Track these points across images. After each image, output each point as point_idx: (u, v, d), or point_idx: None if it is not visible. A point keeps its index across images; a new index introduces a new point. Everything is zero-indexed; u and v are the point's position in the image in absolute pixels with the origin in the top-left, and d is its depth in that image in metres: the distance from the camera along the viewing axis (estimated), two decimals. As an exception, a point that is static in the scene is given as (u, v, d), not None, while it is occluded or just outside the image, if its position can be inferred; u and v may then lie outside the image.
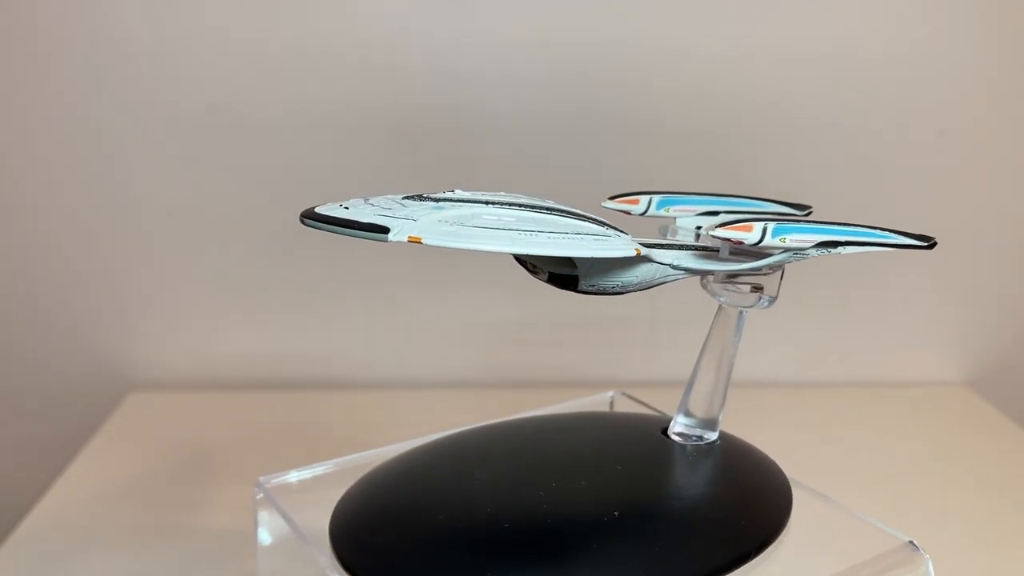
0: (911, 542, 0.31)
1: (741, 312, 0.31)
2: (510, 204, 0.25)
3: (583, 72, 0.57)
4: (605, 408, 0.41)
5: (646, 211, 0.32)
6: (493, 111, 0.57)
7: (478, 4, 0.56)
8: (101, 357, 0.62)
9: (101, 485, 0.49)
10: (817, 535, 0.30)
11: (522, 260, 0.28)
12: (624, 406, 0.41)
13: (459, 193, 0.25)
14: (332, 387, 0.63)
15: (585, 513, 0.27)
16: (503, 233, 0.23)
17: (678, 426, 0.32)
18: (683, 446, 0.32)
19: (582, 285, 0.27)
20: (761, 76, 0.57)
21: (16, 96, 0.56)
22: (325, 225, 0.22)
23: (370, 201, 0.24)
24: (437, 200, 0.24)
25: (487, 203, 0.25)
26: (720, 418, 0.32)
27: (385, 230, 0.21)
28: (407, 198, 0.24)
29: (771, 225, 0.27)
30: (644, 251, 0.25)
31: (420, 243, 0.21)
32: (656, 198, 0.32)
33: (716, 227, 0.27)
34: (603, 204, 0.32)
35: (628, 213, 0.32)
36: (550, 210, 0.25)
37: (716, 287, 0.31)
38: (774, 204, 0.34)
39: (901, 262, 0.62)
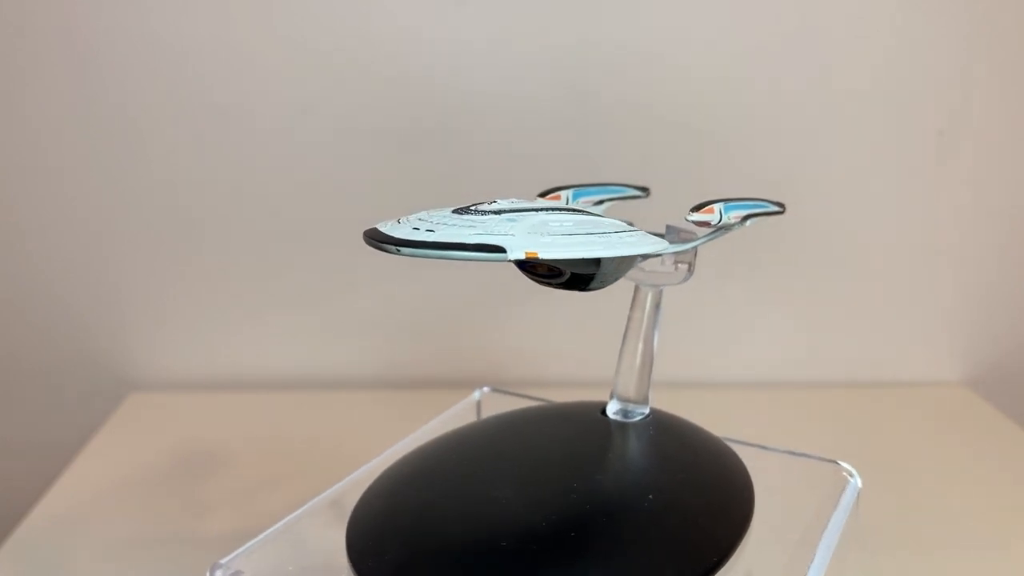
0: (836, 462, 0.34)
1: (660, 290, 0.33)
2: (547, 209, 0.25)
3: (583, 71, 0.57)
4: (472, 407, 0.41)
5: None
6: (492, 111, 0.57)
7: (478, 4, 0.56)
8: (101, 358, 0.62)
9: (101, 485, 0.50)
10: (757, 478, 0.32)
11: (531, 265, 0.27)
12: (495, 401, 0.40)
13: (502, 203, 0.24)
14: (332, 387, 0.63)
15: (626, 504, 0.28)
16: (589, 238, 0.23)
17: (614, 406, 0.33)
18: (640, 426, 0.33)
19: (594, 284, 0.26)
20: (759, 76, 0.57)
21: (18, 97, 0.56)
22: (428, 251, 0.21)
23: (429, 218, 0.23)
24: (498, 212, 0.23)
25: (536, 210, 0.24)
26: (650, 394, 0.33)
27: (502, 249, 0.21)
28: (457, 212, 0.23)
29: (722, 205, 0.30)
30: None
31: (537, 257, 0.21)
32: (570, 192, 0.34)
33: (690, 212, 0.29)
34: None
35: None
36: (576, 211, 0.25)
37: (638, 270, 0.32)
38: (625, 188, 0.36)
39: (901, 262, 0.62)
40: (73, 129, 0.57)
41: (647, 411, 0.33)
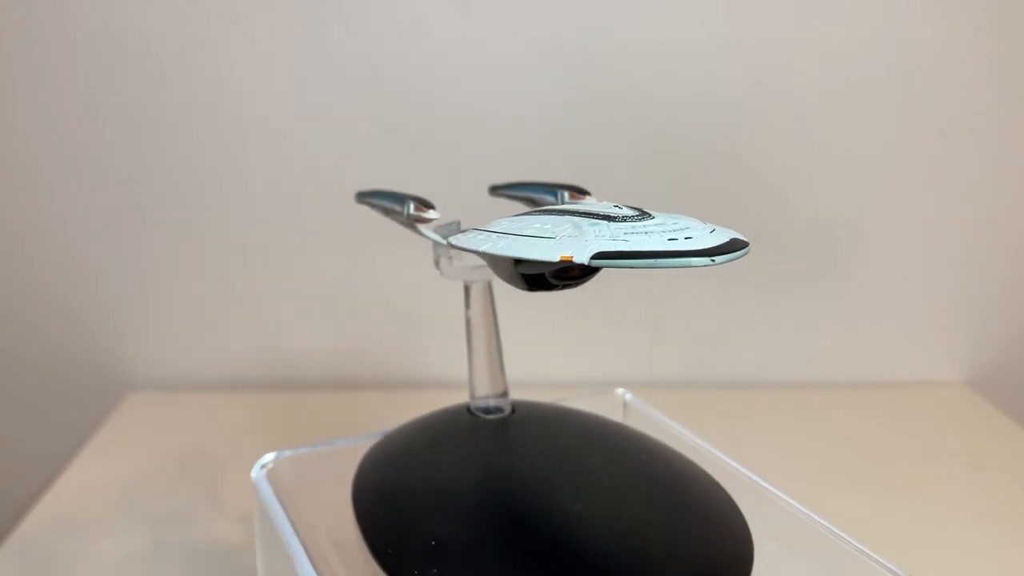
0: (612, 390, 0.39)
1: (490, 283, 0.32)
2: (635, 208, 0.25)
3: (583, 70, 0.57)
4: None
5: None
6: (491, 111, 0.57)
7: (479, 4, 0.56)
8: (100, 357, 0.62)
9: (100, 485, 0.50)
10: None
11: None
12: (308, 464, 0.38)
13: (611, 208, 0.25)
14: (332, 387, 0.63)
15: (646, 483, 0.28)
16: (715, 229, 0.23)
17: (479, 403, 0.32)
18: (529, 416, 0.32)
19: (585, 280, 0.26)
20: (760, 75, 0.57)
21: (19, 95, 0.56)
22: (734, 254, 0.21)
23: (635, 228, 0.22)
24: (631, 219, 0.24)
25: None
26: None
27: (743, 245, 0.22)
28: (588, 218, 0.23)
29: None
30: None
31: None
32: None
33: (585, 197, 0.29)
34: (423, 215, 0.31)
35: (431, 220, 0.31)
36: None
37: (465, 265, 0.31)
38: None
39: (901, 262, 0.62)
40: (72, 129, 0.57)
41: (510, 404, 0.32)
